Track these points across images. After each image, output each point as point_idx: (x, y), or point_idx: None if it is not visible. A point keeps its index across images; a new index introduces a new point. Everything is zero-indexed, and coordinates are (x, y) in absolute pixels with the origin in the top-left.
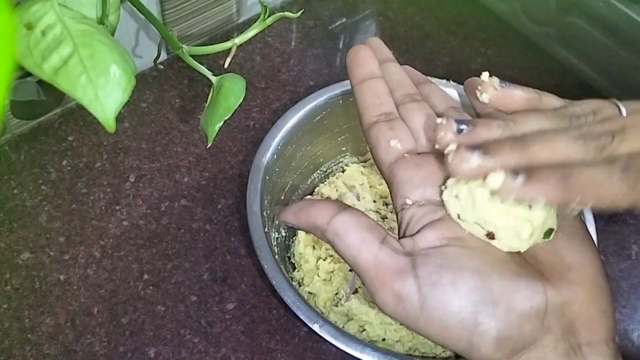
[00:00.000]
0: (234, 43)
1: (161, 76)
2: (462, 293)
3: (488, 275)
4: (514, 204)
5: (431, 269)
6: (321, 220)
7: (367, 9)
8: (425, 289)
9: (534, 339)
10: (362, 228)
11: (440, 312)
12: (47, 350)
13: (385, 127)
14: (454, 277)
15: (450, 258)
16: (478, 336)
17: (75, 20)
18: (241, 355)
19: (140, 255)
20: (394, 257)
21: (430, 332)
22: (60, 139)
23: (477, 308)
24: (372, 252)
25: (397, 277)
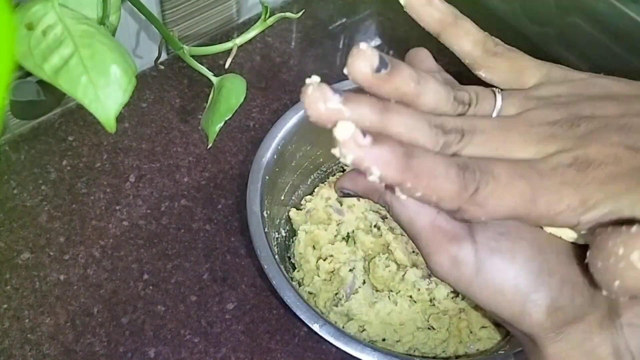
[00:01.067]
0: (235, 43)
1: (161, 76)
2: (520, 261)
3: (545, 248)
4: None
5: (490, 235)
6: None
7: (367, 9)
8: (483, 254)
9: (583, 313)
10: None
11: (496, 277)
12: (47, 350)
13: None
14: (513, 245)
15: (510, 228)
16: (531, 303)
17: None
18: (241, 355)
19: (140, 255)
20: (452, 222)
21: (483, 296)
22: (60, 139)
23: (534, 276)
24: (430, 215)
25: (454, 240)
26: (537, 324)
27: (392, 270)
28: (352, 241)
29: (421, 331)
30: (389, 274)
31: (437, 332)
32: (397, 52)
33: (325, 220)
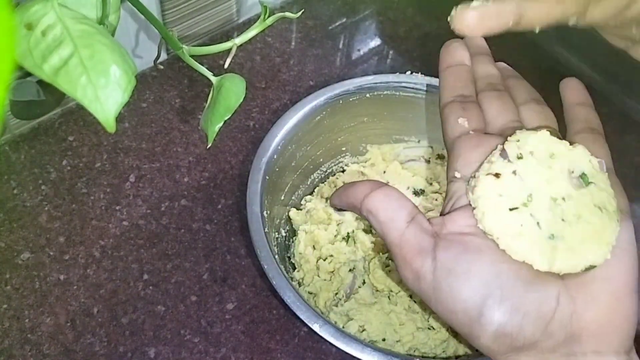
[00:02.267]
0: (234, 43)
1: (161, 76)
2: (473, 285)
3: (502, 273)
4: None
5: (450, 255)
6: (357, 200)
7: (367, 9)
8: (440, 273)
9: (534, 340)
10: (391, 207)
11: (449, 297)
12: (47, 350)
13: (457, 107)
14: (469, 267)
15: (471, 248)
16: (479, 326)
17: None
18: (241, 355)
19: (140, 255)
20: (419, 236)
21: (439, 311)
22: (60, 139)
23: (484, 301)
24: (399, 230)
25: (417, 256)
26: (484, 346)
27: (392, 270)
28: (352, 241)
29: (421, 331)
30: (389, 274)
31: (437, 332)
32: (397, 52)
33: (325, 220)
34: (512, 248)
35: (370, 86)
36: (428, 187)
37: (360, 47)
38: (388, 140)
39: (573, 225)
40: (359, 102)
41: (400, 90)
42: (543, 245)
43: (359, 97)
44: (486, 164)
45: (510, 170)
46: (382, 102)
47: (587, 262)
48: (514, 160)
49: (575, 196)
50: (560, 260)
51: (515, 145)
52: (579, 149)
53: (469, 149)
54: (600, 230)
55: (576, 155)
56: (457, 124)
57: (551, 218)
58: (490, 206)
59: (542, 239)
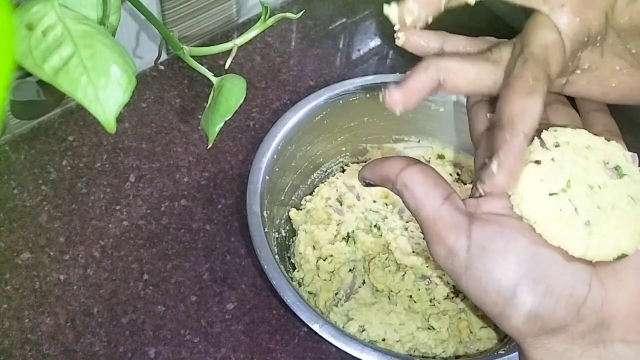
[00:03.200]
0: (235, 44)
1: (161, 76)
2: (508, 264)
3: (538, 254)
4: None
5: (485, 234)
6: (392, 173)
7: (367, 9)
8: (474, 251)
9: (565, 324)
10: (427, 183)
11: (482, 276)
12: (47, 350)
13: (485, 104)
14: (505, 246)
15: (507, 228)
16: (512, 307)
17: (75, 20)
18: (241, 355)
19: (140, 255)
20: (454, 214)
21: (470, 290)
22: (60, 139)
23: (518, 281)
24: (434, 206)
25: (451, 232)
26: (514, 328)
27: (392, 270)
28: (352, 241)
29: (421, 331)
30: (389, 274)
31: (437, 332)
32: (397, 52)
33: (325, 220)
34: (549, 232)
35: (370, 86)
36: None
37: (360, 47)
38: (388, 140)
39: (608, 213)
40: (359, 102)
41: None
42: (579, 231)
43: (359, 97)
44: (526, 154)
45: (549, 157)
46: (382, 102)
47: (620, 250)
48: (552, 148)
49: (611, 186)
50: (595, 248)
51: (552, 135)
52: (613, 143)
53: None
54: (634, 220)
55: (611, 149)
56: (485, 118)
57: (588, 205)
58: (530, 191)
59: (578, 225)
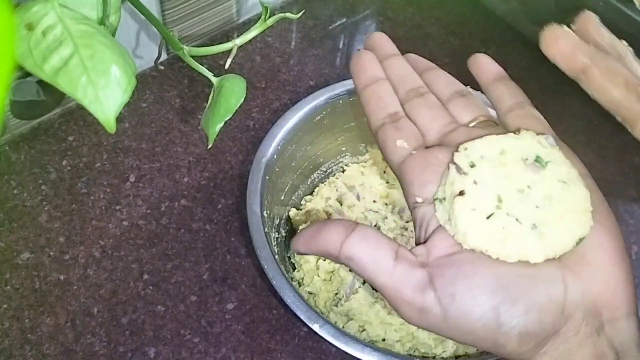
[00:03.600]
0: (235, 44)
1: (161, 76)
2: (481, 299)
3: (503, 277)
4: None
5: (447, 280)
6: (332, 248)
7: (367, 9)
8: (445, 301)
9: (556, 329)
10: (372, 249)
11: (462, 320)
12: (47, 350)
13: (391, 129)
14: (470, 284)
15: (463, 266)
16: (502, 335)
17: (75, 20)
18: (241, 355)
19: (140, 255)
20: (410, 272)
21: (456, 337)
22: (60, 139)
23: (498, 311)
24: (388, 272)
25: (416, 292)
26: (513, 353)
27: None
28: None
29: (421, 331)
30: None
31: None
32: None
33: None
34: (503, 253)
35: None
36: None
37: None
38: None
39: (548, 207)
40: (359, 102)
41: None
42: (530, 238)
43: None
44: (447, 186)
45: (471, 181)
46: None
47: (576, 235)
48: (469, 170)
49: (539, 180)
50: (552, 245)
51: (464, 156)
52: (524, 135)
53: (419, 171)
54: (574, 202)
55: (524, 142)
56: (396, 148)
57: (526, 209)
58: (469, 223)
59: (527, 232)
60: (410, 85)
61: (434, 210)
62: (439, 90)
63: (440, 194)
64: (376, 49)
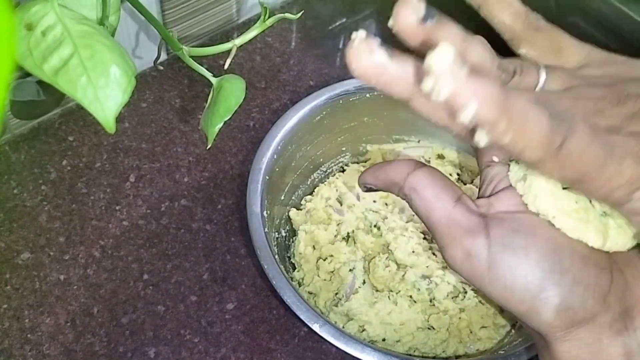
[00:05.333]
0: (234, 44)
1: (161, 76)
2: (532, 259)
3: (560, 247)
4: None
5: (504, 231)
6: (399, 177)
7: (367, 9)
8: (496, 249)
9: (594, 314)
10: (437, 185)
11: (507, 274)
12: (47, 350)
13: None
14: (527, 242)
15: (525, 225)
16: (541, 302)
17: (75, 21)
18: (241, 355)
19: (140, 255)
20: (467, 215)
21: (494, 291)
22: (60, 139)
23: (545, 275)
24: (446, 209)
25: (468, 234)
26: (545, 323)
27: (392, 270)
28: (352, 241)
29: (421, 331)
30: (389, 274)
31: (437, 332)
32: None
33: (325, 220)
34: (568, 226)
35: (370, 86)
36: None
37: None
38: (388, 140)
39: None
40: (359, 102)
41: None
42: (597, 222)
43: (359, 97)
44: None
45: None
46: (382, 102)
47: (636, 240)
48: None
49: None
50: (612, 238)
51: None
52: None
53: None
54: None
55: None
56: None
57: None
58: (544, 187)
59: (595, 217)
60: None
61: (508, 170)
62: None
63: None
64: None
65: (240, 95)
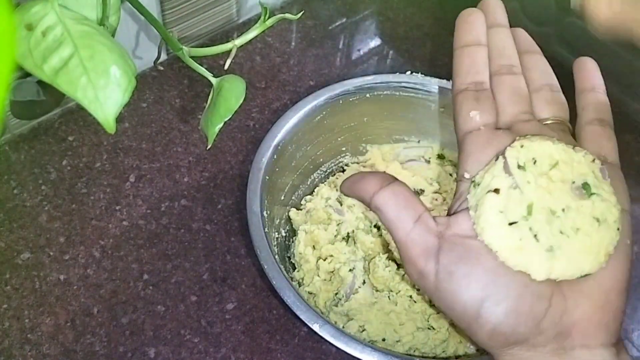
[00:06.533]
0: (234, 44)
1: (161, 76)
2: (472, 288)
3: (500, 278)
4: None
5: (452, 258)
6: (367, 195)
7: (367, 9)
8: (442, 276)
9: (526, 338)
10: (400, 205)
11: (449, 298)
12: (47, 350)
13: (470, 97)
14: (469, 271)
15: (473, 252)
16: (476, 325)
17: (75, 21)
18: (241, 355)
19: (140, 255)
20: (424, 236)
21: (441, 307)
22: (60, 139)
23: (482, 304)
24: (405, 229)
25: (422, 256)
26: (481, 342)
27: (392, 270)
28: (352, 241)
29: (421, 331)
30: (389, 274)
31: (437, 332)
32: (397, 52)
33: (325, 220)
34: (510, 261)
35: (370, 86)
36: (428, 187)
37: (360, 47)
38: (388, 140)
39: (571, 237)
40: (359, 102)
41: (400, 90)
42: (541, 257)
43: (359, 97)
44: (487, 177)
45: (510, 184)
46: (382, 102)
47: (583, 272)
48: (515, 171)
49: (575, 208)
50: (557, 270)
51: (517, 153)
52: (583, 157)
53: (478, 148)
54: (597, 242)
55: (579, 164)
56: (468, 117)
57: (549, 231)
58: (490, 222)
59: (540, 252)
60: (506, 60)
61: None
62: (532, 77)
63: (478, 179)
64: (488, 13)
65: (241, 96)
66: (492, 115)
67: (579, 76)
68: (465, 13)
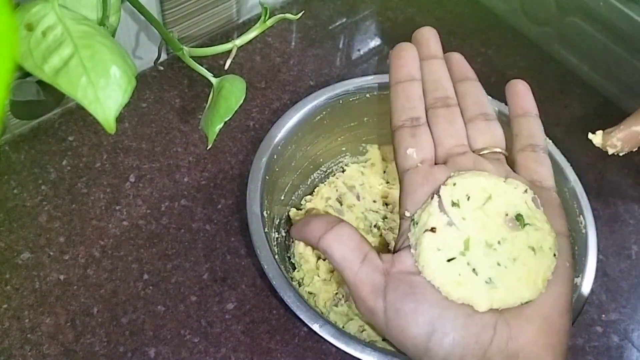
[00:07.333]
0: (235, 44)
1: (161, 76)
2: (419, 323)
3: (445, 312)
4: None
5: (398, 295)
6: (313, 239)
7: (367, 9)
8: (390, 313)
9: None
10: (346, 247)
11: (398, 333)
12: (47, 350)
13: (407, 134)
14: (416, 307)
15: (417, 288)
16: (427, 358)
17: (75, 21)
18: (241, 355)
19: (140, 255)
20: (371, 275)
21: (394, 342)
22: (60, 139)
23: (430, 337)
24: (352, 270)
25: (370, 295)
26: None
27: None
28: None
29: None
30: None
31: None
32: None
33: None
34: (452, 295)
35: (370, 86)
36: None
37: (360, 47)
38: (388, 140)
39: (509, 268)
40: (359, 102)
41: None
42: (481, 289)
43: (359, 97)
44: (424, 215)
45: (446, 221)
46: (382, 102)
47: (523, 299)
48: (449, 209)
49: (510, 239)
50: (498, 300)
51: (451, 190)
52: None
53: (415, 187)
54: (535, 270)
55: (512, 195)
56: (406, 155)
57: (487, 263)
58: (429, 260)
59: (479, 284)
60: (441, 93)
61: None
62: (466, 105)
63: (417, 218)
64: (421, 45)
65: (241, 96)
66: (429, 150)
67: (511, 101)
68: (397, 48)
